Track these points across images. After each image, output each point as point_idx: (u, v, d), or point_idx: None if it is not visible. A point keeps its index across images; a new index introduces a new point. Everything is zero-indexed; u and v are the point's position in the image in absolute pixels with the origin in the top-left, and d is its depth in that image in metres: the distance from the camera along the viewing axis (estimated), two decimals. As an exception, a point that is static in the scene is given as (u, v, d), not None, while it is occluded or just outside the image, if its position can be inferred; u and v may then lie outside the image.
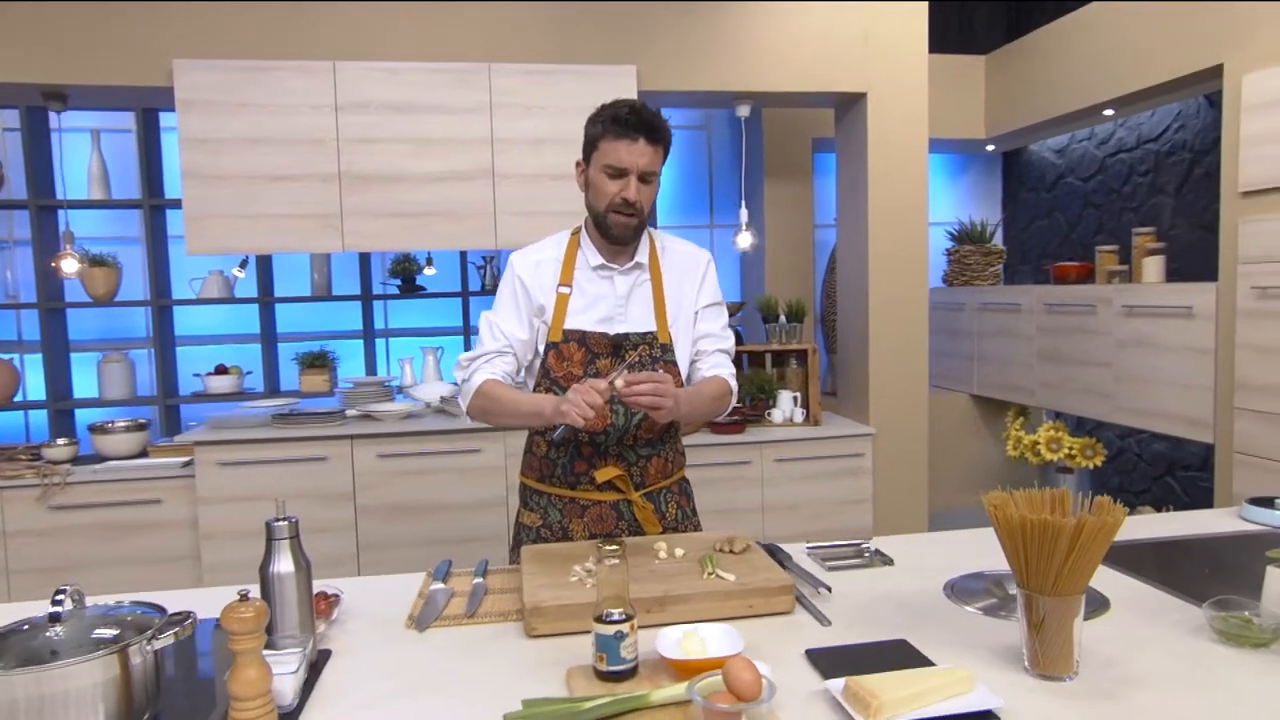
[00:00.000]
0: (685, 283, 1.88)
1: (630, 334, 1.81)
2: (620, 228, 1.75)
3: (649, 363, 1.80)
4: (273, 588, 1.29)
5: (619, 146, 1.70)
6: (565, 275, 1.82)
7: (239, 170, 3.39)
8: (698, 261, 1.91)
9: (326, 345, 4.44)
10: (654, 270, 1.86)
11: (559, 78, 3.53)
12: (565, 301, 1.81)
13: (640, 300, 1.84)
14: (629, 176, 1.71)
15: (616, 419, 1.80)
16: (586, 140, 1.78)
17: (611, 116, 1.71)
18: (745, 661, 1.07)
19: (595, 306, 1.82)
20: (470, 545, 3.50)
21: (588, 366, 1.79)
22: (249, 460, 3.39)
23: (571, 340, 1.80)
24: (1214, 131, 3.91)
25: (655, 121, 1.72)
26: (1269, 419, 3.01)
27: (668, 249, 1.90)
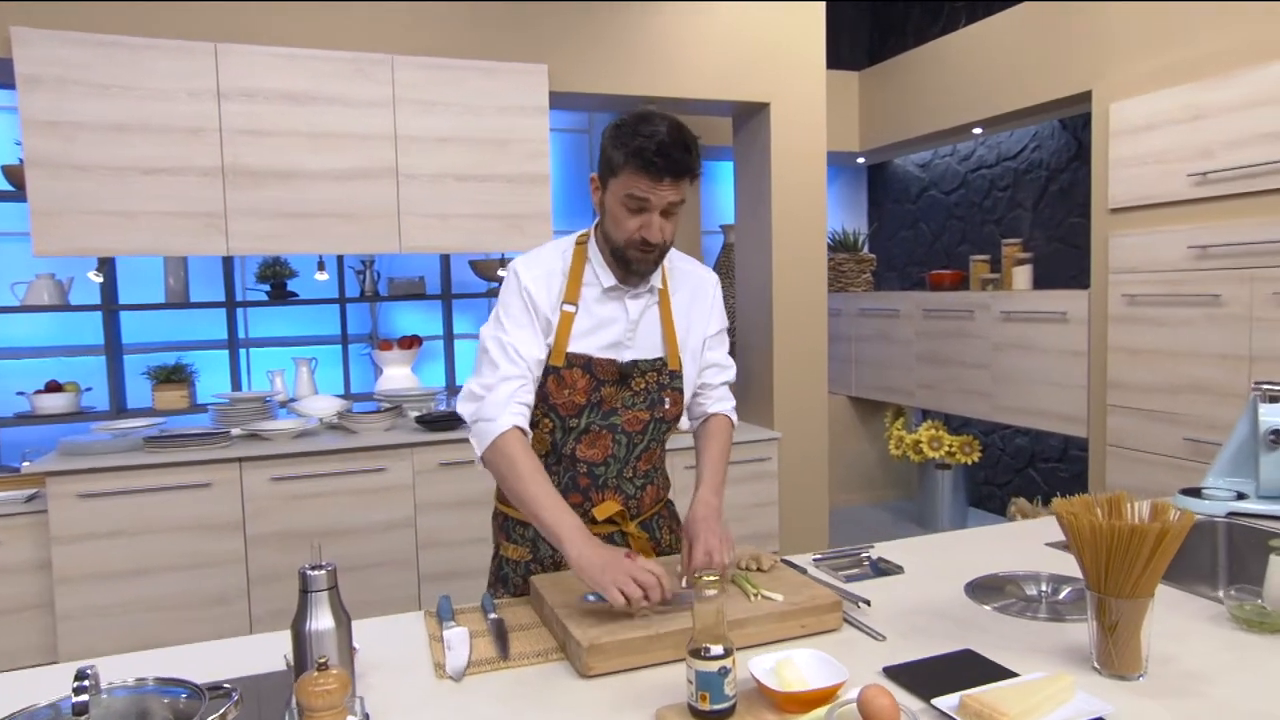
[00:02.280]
0: (695, 306, 1.76)
1: (639, 361, 1.67)
2: (641, 264, 1.61)
3: (658, 401, 1.68)
4: (310, 647, 1.11)
5: (642, 182, 1.53)
6: (571, 292, 1.65)
7: (101, 160, 2.98)
8: (706, 284, 1.79)
9: (182, 357, 4.01)
10: (663, 291, 1.72)
11: (468, 74, 3.36)
12: (570, 321, 1.64)
13: (650, 323, 1.70)
14: (651, 214, 1.55)
15: (618, 449, 1.67)
16: (604, 159, 1.59)
17: (636, 150, 1.51)
18: (880, 689, 1.03)
19: (603, 330, 1.66)
20: (376, 571, 3.26)
21: (591, 394, 1.64)
22: (116, 490, 2.98)
23: (576, 366, 1.63)
24: (1067, 152, 4.30)
25: (686, 160, 1.53)
26: (1138, 414, 3.33)
27: (676, 269, 1.76)
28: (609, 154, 1.57)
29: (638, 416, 1.67)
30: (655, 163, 1.51)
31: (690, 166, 1.55)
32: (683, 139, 1.53)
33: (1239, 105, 2.98)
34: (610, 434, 1.66)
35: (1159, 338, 3.24)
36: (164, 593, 3.03)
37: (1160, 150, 3.23)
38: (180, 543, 3.04)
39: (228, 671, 1.31)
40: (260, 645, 1.45)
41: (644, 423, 1.68)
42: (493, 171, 3.41)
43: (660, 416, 1.69)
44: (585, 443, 1.66)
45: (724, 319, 1.83)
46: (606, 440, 1.66)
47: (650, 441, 1.71)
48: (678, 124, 1.56)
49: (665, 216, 1.58)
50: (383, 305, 4.38)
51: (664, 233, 1.58)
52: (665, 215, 1.57)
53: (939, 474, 4.70)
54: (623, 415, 1.66)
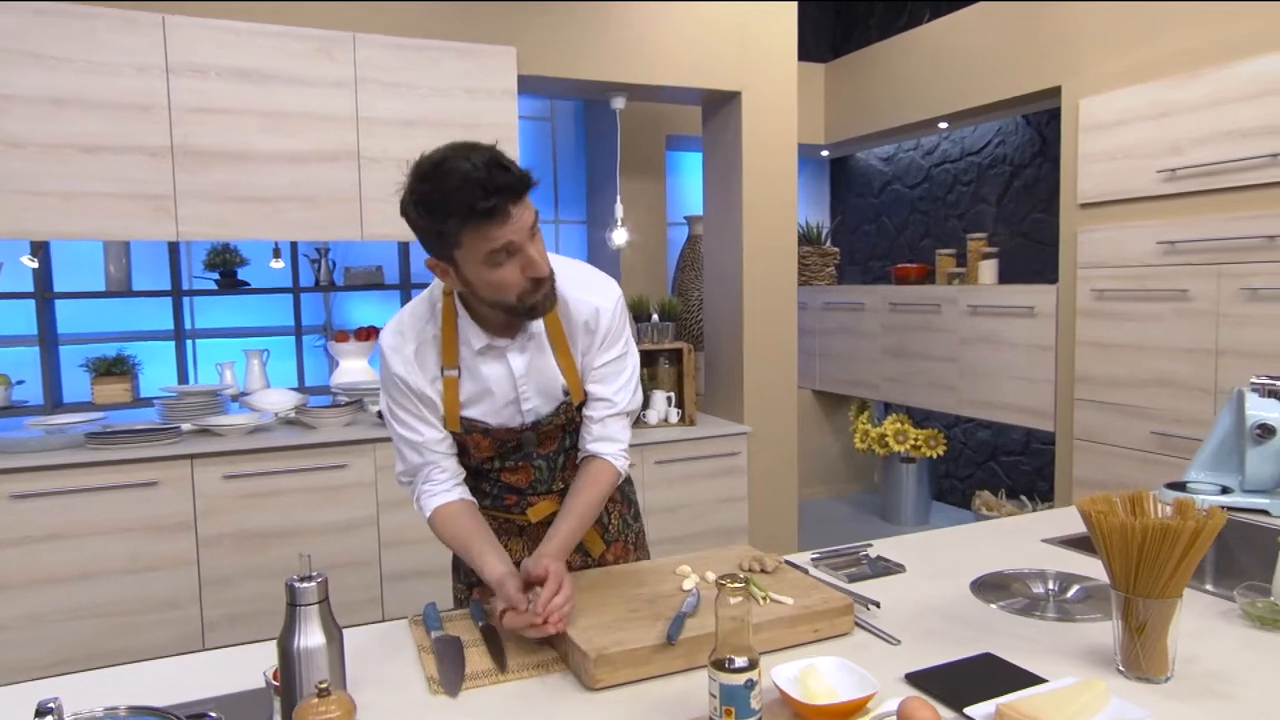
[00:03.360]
0: (592, 336, 1.56)
1: (541, 420, 1.55)
2: (546, 303, 1.43)
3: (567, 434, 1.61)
4: (299, 666, 1.01)
5: (493, 231, 1.31)
6: (449, 355, 1.50)
7: (36, 136, 2.78)
8: (598, 311, 1.55)
9: (124, 348, 3.80)
10: (552, 325, 1.53)
11: (434, 54, 3.23)
12: (455, 386, 1.50)
13: (545, 365, 1.53)
14: (524, 249, 1.35)
15: (540, 473, 1.60)
16: (434, 238, 1.35)
17: (464, 209, 1.29)
18: (921, 701, 0.98)
19: (492, 393, 1.52)
20: (337, 572, 3.11)
21: (498, 448, 1.56)
22: (56, 490, 2.79)
23: (475, 431, 1.53)
24: (1031, 148, 4.33)
25: (518, 178, 1.32)
26: (1106, 408, 3.36)
27: (565, 296, 1.52)
28: (436, 230, 1.34)
29: (550, 439, 1.60)
30: (489, 205, 1.29)
31: (526, 180, 1.34)
32: (494, 159, 1.32)
33: (1207, 103, 3.01)
34: (529, 463, 1.60)
35: (1127, 332, 3.27)
36: (109, 599, 2.85)
37: (1129, 146, 3.26)
38: (126, 545, 2.87)
39: (201, 691, 1.20)
40: (235, 660, 1.33)
41: (557, 440, 1.61)
42: (459, 157, 3.28)
43: (573, 429, 1.62)
44: (507, 472, 1.61)
45: (617, 346, 1.59)
46: (527, 469, 1.60)
47: (570, 450, 1.63)
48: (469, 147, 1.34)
49: (532, 241, 1.38)
50: (338, 295, 4.21)
51: (543, 257, 1.40)
52: (531, 239, 1.38)
53: (903, 467, 4.71)
54: (533, 447, 1.59)
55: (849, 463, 5.57)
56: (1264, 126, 2.84)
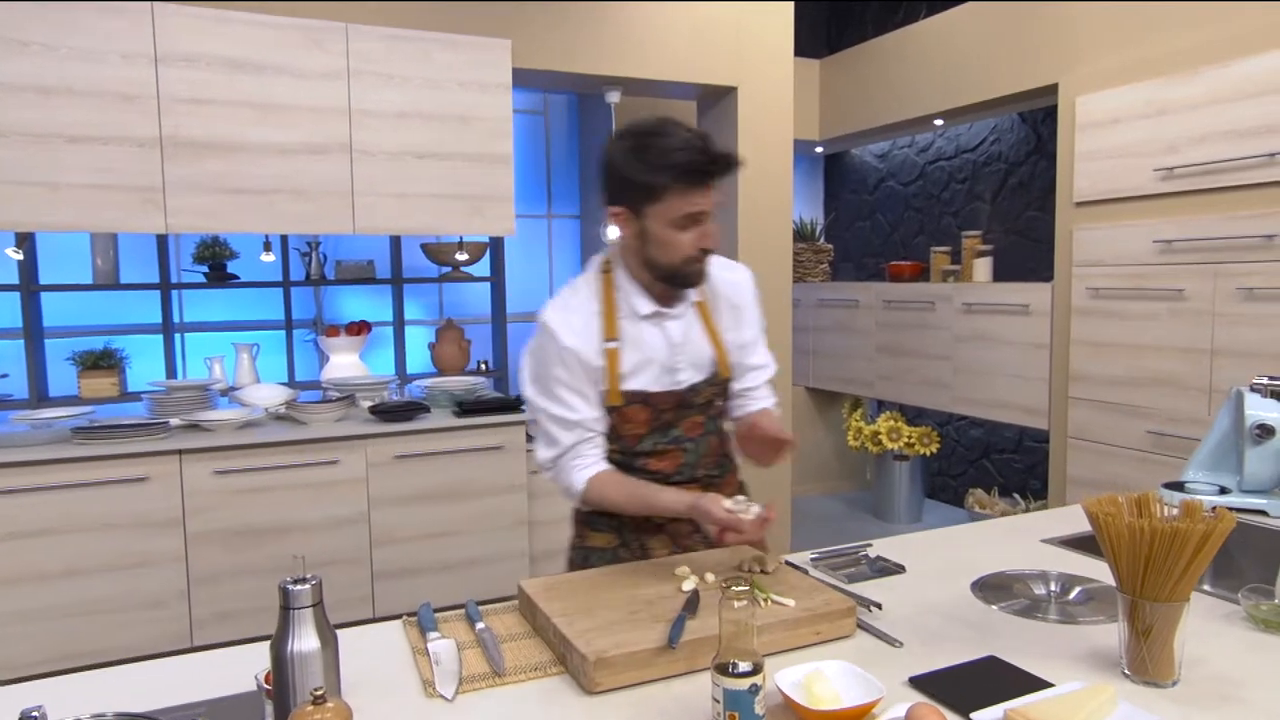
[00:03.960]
0: (737, 311, 1.72)
1: (697, 384, 1.64)
2: (698, 275, 1.57)
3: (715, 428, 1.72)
4: (293, 671, 0.98)
5: (694, 195, 1.47)
6: (609, 329, 1.59)
7: (20, 125, 2.73)
8: (741, 286, 1.73)
9: (111, 342, 3.75)
10: (700, 301, 1.67)
11: (427, 46, 3.19)
12: (616, 358, 1.59)
13: (696, 340, 1.65)
14: (705, 223, 1.51)
15: (688, 456, 1.68)
16: (638, 188, 1.49)
17: (682, 167, 1.45)
18: (930, 707, 0.96)
19: (651, 361, 1.61)
20: (327, 570, 3.08)
21: (653, 422, 1.63)
22: (42, 486, 2.75)
23: (634, 403, 1.61)
24: (1027, 145, 4.32)
25: (729, 157, 1.49)
26: (1100, 407, 3.36)
27: (711, 275, 1.66)
28: (642, 179, 1.48)
29: (695, 422, 1.68)
30: (705, 167, 1.46)
31: (732, 162, 1.51)
32: (704, 136, 1.49)
33: (1203, 102, 3.00)
34: (677, 446, 1.67)
35: (1122, 331, 3.27)
36: (96, 596, 2.81)
37: (1126, 144, 3.25)
38: (113, 542, 2.83)
39: (189, 694, 1.17)
40: (225, 662, 1.31)
41: (701, 424, 1.70)
42: (453, 150, 3.25)
43: (714, 414, 1.72)
44: (654, 459, 1.66)
45: (760, 318, 1.79)
46: (675, 453, 1.67)
47: (709, 436, 1.72)
48: (686, 126, 1.51)
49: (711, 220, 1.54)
50: (329, 289, 4.17)
51: (716, 236, 1.55)
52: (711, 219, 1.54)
53: (896, 465, 4.70)
54: (682, 426, 1.67)
55: (843, 460, 5.56)
56: (1261, 125, 2.84)
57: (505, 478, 3.33)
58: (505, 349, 4.01)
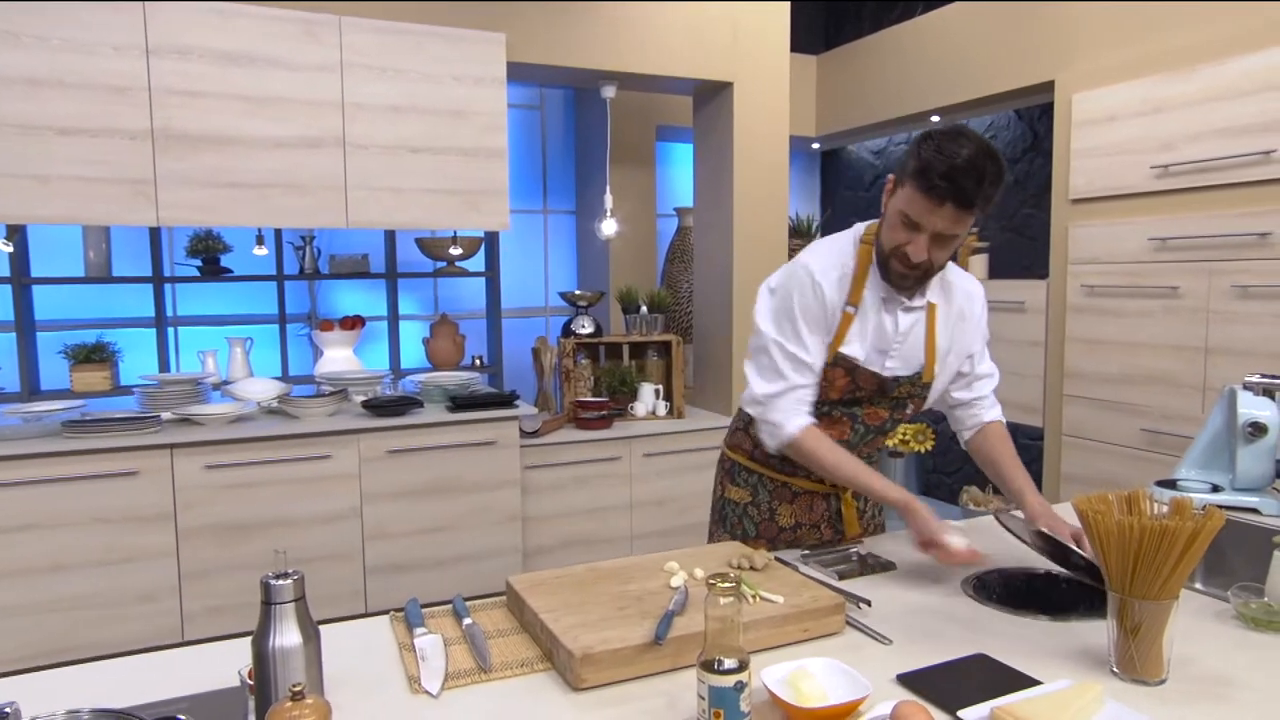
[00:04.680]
0: (961, 321, 1.72)
1: (900, 377, 1.68)
2: (899, 278, 1.58)
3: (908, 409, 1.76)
4: (275, 667, 0.97)
5: (918, 201, 1.47)
6: (855, 293, 1.62)
7: (10, 116, 2.72)
8: (973, 298, 1.74)
9: (103, 335, 3.73)
10: (930, 309, 1.68)
11: (421, 39, 3.17)
12: (849, 324, 1.62)
13: (916, 337, 1.67)
14: (921, 235, 1.50)
15: (853, 436, 1.73)
16: (905, 163, 1.51)
17: (924, 167, 1.45)
18: (916, 706, 0.95)
19: (873, 337, 1.64)
20: (319, 565, 3.08)
21: (846, 393, 1.67)
22: (31, 479, 2.74)
23: (840, 366, 1.64)
24: (1023, 142, 4.31)
25: (972, 190, 1.43)
26: (1095, 404, 3.36)
27: (945, 280, 1.70)
28: (907, 159, 1.51)
29: (878, 413, 1.72)
30: (938, 186, 1.43)
31: (973, 199, 1.45)
32: (979, 167, 1.43)
33: (1199, 100, 3.00)
34: (850, 421, 1.71)
35: (1117, 328, 3.26)
36: (85, 591, 2.80)
37: (1122, 142, 3.24)
38: (103, 536, 2.82)
39: (172, 690, 1.16)
40: (208, 657, 1.30)
41: (882, 419, 1.73)
42: (447, 144, 3.24)
43: (899, 418, 1.75)
44: (825, 423, 1.69)
45: (986, 331, 1.81)
46: (845, 426, 1.71)
47: (883, 433, 1.78)
48: (986, 151, 1.45)
49: (937, 244, 1.51)
50: (323, 284, 4.16)
51: (931, 258, 1.53)
52: (937, 242, 1.51)
53: (891, 462, 4.70)
54: (865, 408, 1.71)
55: (836, 457, 5.56)
56: (1256, 123, 2.83)
57: (498, 473, 3.32)
58: (500, 344, 4.00)
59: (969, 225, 1.52)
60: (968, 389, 1.81)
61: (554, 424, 3.62)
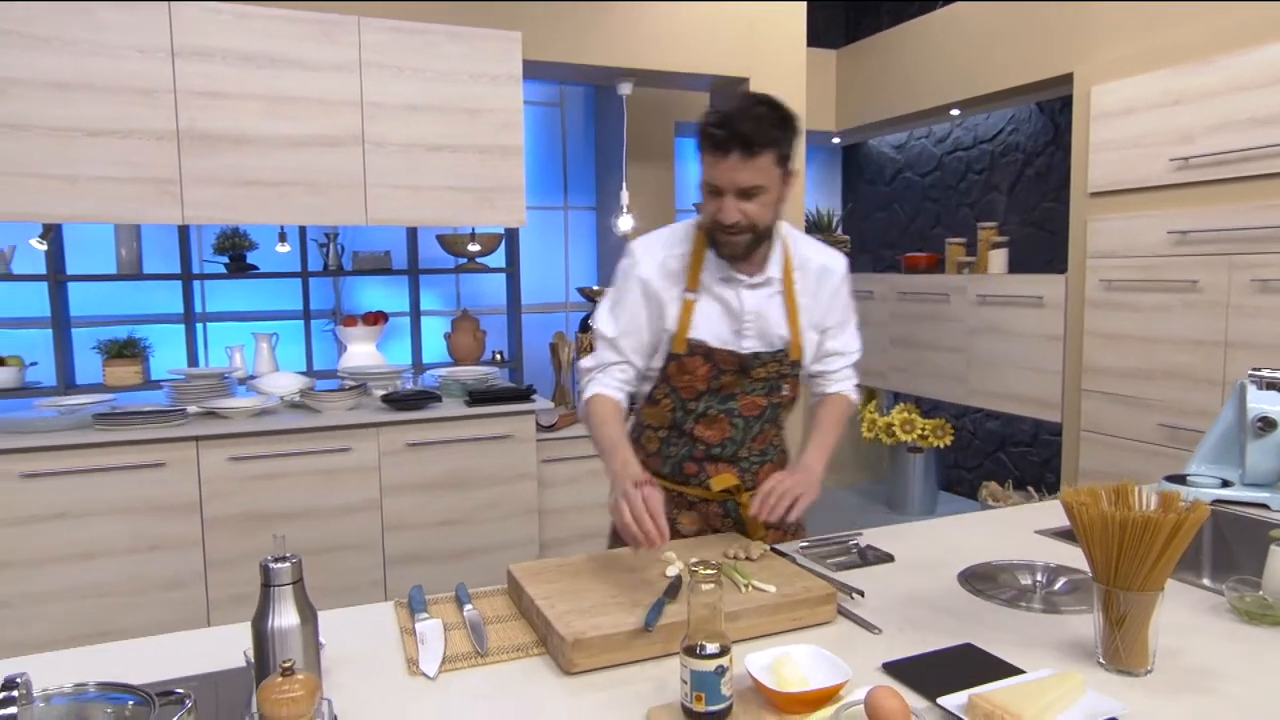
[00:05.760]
0: (821, 294, 1.73)
1: (761, 353, 1.67)
2: (727, 246, 1.60)
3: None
4: (273, 646, 1.02)
5: (711, 163, 1.52)
6: (693, 279, 1.65)
7: (42, 120, 2.80)
8: (832, 272, 1.75)
9: (135, 331, 3.84)
10: (787, 280, 1.69)
11: (438, 39, 3.22)
12: (691, 309, 1.64)
13: (771, 314, 1.67)
14: (724, 196, 1.53)
15: (735, 432, 1.71)
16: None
17: (701, 128, 1.51)
18: (889, 690, 0.97)
19: (722, 319, 1.66)
20: (340, 555, 3.15)
21: (711, 380, 1.67)
22: (63, 470, 2.83)
23: (697, 354, 1.65)
24: (1044, 135, 4.28)
25: (751, 131, 1.46)
26: (1113, 399, 3.33)
27: (801, 256, 1.72)
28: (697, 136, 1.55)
29: (755, 402, 1.70)
30: (716, 136, 1.47)
31: (753, 140, 1.46)
32: (755, 112, 1.47)
33: (1220, 90, 2.96)
34: (728, 418, 1.69)
35: (1135, 323, 3.23)
36: (113, 578, 2.89)
37: (1141, 134, 3.21)
38: (132, 525, 2.90)
39: (181, 669, 1.21)
40: (217, 639, 1.35)
41: (760, 408, 1.71)
42: (464, 142, 3.29)
43: (777, 402, 1.73)
44: (703, 424, 1.70)
45: (849, 305, 1.80)
46: (724, 424, 1.70)
47: (765, 425, 1.74)
48: (764, 99, 1.50)
49: (744, 198, 1.52)
50: (347, 280, 4.23)
51: (745, 214, 1.53)
52: (744, 197, 1.52)
53: (911, 457, 4.69)
54: (740, 400, 1.69)
55: (857, 452, 5.55)
56: (1278, 115, 2.79)
57: (515, 466, 3.37)
58: (520, 339, 4.05)
59: (774, 174, 1.52)
60: (819, 361, 1.80)
61: (570, 418, 3.66)
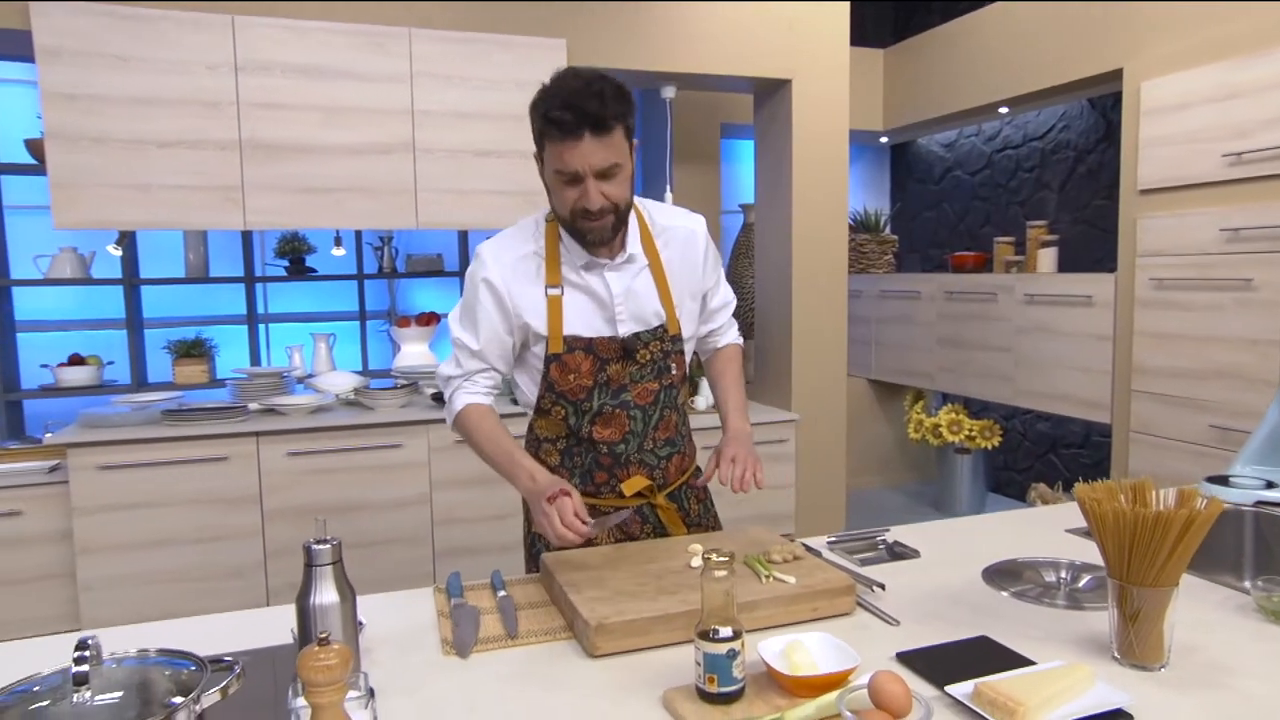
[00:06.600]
0: (687, 262, 1.69)
1: (640, 333, 1.63)
2: (594, 233, 1.52)
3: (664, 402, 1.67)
4: (314, 621, 1.10)
5: (562, 150, 1.44)
6: (552, 274, 1.58)
7: (119, 133, 2.98)
8: (694, 235, 1.70)
9: (202, 332, 4.03)
10: (651, 253, 1.64)
11: (486, 48, 3.32)
12: (559, 305, 1.58)
13: (642, 292, 1.63)
14: (584, 181, 1.46)
15: (634, 425, 1.66)
16: (532, 131, 1.51)
17: (544, 116, 1.43)
18: (892, 675, 1.01)
19: (592, 308, 1.61)
20: (391, 547, 3.27)
21: (597, 374, 1.61)
22: (135, 463, 3.00)
23: (576, 349, 1.60)
24: (1096, 132, 4.20)
25: (599, 110, 1.40)
26: (1163, 400, 3.27)
27: (660, 225, 1.67)
28: (532, 124, 1.49)
29: (647, 388, 1.66)
30: (564, 119, 1.39)
31: (605, 117, 1.41)
32: (596, 89, 1.41)
33: (1276, 83, 2.88)
34: (624, 411, 1.65)
35: (1187, 322, 3.17)
36: (182, 564, 3.06)
37: (1193, 130, 3.15)
38: (198, 515, 3.06)
39: (237, 644, 1.31)
40: (270, 618, 1.45)
41: (654, 393, 1.67)
42: (510, 147, 3.38)
43: (669, 384, 1.68)
44: (600, 424, 1.65)
45: (718, 262, 1.78)
46: (621, 418, 1.65)
47: (664, 409, 1.69)
48: (596, 75, 1.44)
49: (604, 179, 1.47)
50: (401, 282, 4.38)
51: (607, 196, 1.48)
52: (604, 178, 1.47)
53: (958, 458, 4.64)
54: (632, 390, 1.64)
55: (905, 453, 5.51)
56: (1337, 108, 2.71)
57: (560, 463, 3.44)
58: (565, 339, 4.13)
59: (625, 149, 1.48)
60: (706, 322, 1.80)
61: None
